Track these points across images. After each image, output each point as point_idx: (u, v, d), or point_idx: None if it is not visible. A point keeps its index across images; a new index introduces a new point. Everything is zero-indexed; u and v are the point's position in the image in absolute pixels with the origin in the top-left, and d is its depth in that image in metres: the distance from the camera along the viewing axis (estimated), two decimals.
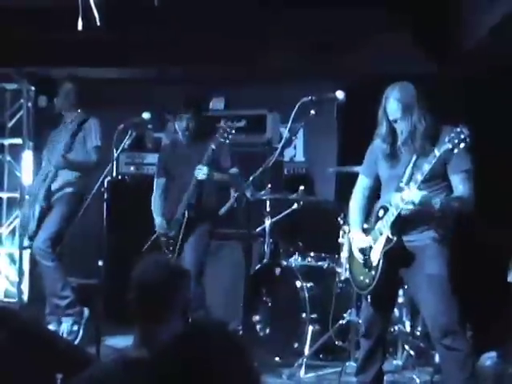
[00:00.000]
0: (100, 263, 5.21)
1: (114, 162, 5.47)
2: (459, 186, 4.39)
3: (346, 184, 7.21)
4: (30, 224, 6.83)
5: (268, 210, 6.64)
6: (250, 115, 7.61)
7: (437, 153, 4.17)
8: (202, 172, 5.93)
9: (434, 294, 4.38)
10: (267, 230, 6.55)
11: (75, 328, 6.68)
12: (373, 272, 4.54)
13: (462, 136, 4.07)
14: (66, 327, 6.67)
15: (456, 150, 4.10)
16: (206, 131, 6.26)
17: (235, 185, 6.14)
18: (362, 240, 4.63)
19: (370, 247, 4.57)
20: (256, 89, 7.86)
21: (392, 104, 4.50)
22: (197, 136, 6.26)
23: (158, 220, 6.29)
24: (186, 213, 6.04)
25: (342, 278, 5.97)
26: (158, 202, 6.41)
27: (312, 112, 4.42)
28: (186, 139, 6.29)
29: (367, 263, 4.59)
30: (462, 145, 4.08)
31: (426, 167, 4.23)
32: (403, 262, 4.47)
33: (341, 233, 6.03)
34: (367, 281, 4.60)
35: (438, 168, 4.32)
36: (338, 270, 6.03)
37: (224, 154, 6.14)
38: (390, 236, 4.41)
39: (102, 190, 5.21)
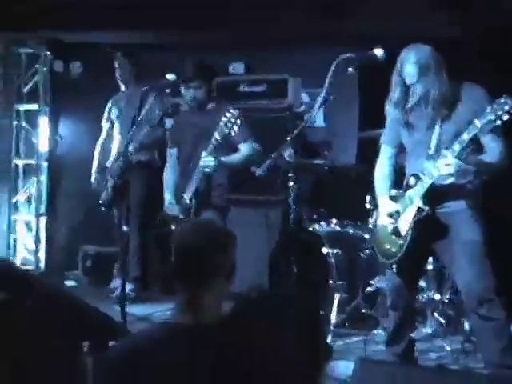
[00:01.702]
0: (125, 228, 5.09)
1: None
2: (490, 144, 4.23)
3: (367, 148, 7.15)
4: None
5: (291, 175, 6.49)
6: (270, 79, 7.42)
7: (478, 123, 4.01)
8: (207, 164, 5.52)
9: (468, 260, 4.27)
10: (291, 195, 6.41)
11: None
12: (401, 241, 4.40)
13: (506, 107, 3.92)
14: None
15: (499, 122, 3.95)
16: (218, 101, 6.00)
17: (253, 163, 5.93)
18: (390, 207, 4.50)
19: (398, 213, 4.44)
20: (277, 53, 7.69)
21: (409, 67, 4.32)
22: (205, 106, 5.92)
23: (167, 199, 6.05)
24: (194, 200, 5.67)
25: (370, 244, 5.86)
26: (169, 174, 6.17)
27: (350, 70, 4.26)
28: (193, 109, 5.96)
29: (395, 231, 4.46)
30: (506, 117, 3.92)
31: (466, 137, 4.07)
32: (434, 231, 4.35)
33: (367, 198, 5.90)
34: (394, 249, 4.46)
35: None
36: (366, 236, 5.90)
37: (237, 127, 5.57)
38: (422, 206, 4.28)
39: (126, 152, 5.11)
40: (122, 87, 7.21)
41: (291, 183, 6.42)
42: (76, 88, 8.15)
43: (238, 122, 5.43)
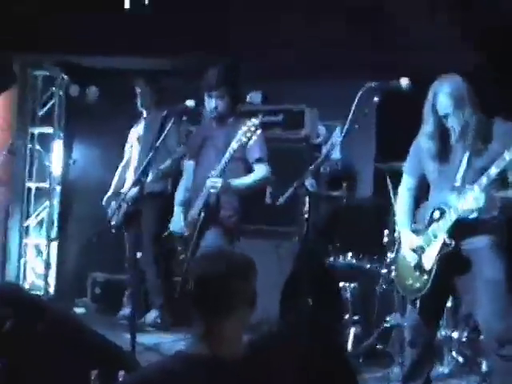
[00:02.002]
0: (139, 255, 5.00)
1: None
2: None
3: (384, 181, 7.06)
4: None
5: (307, 206, 6.39)
6: (287, 110, 7.35)
7: (507, 157, 3.93)
8: (213, 185, 5.26)
9: (490, 299, 4.15)
10: (307, 227, 6.30)
11: None
12: (425, 276, 4.29)
13: None
14: None
15: None
16: (238, 116, 5.67)
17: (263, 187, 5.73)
18: (413, 241, 4.39)
19: (422, 249, 4.33)
20: (294, 84, 7.64)
21: (443, 98, 4.23)
22: (226, 119, 5.62)
23: (175, 214, 5.79)
24: (203, 213, 5.41)
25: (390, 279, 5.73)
26: (182, 187, 5.88)
27: (375, 99, 4.17)
28: (214, 120, 5.65)
29: (419, 266, 4.34)
30: None
31: (494, 171, 3.99)
32: (458, 266, 4.23)
33: (385, 232, 5.80)
34: (417, 285, 4.34)
35: None
36: (383, 271, 5.79)
37: (254, 143, 5.36)
38: (448, 240, 4.18)
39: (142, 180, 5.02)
40: (144, 113, 7.16)
41: (307, 215, 6.36)
42: (91, 113, 8.10)
43: (258, 132, 5.23)
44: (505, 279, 4.16)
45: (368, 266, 6.02)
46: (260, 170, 5.56)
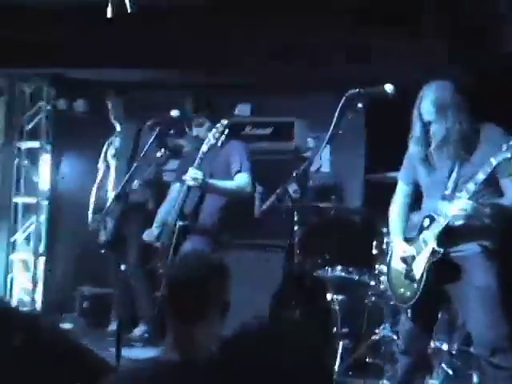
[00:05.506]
0: (123, 267, 4.92)
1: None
2: (509, 186, 4.10)
3: (374, 194, 7.01)
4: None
5: (296, 218, 6.34)
6: (276, 122, 7.30)
7: (493, 162, 3.88)
8: (193, 178, 5.14)
9: (481, 307, 4.10)
10: (295, 240, 6.24)
11: None
12: (415, 285, 4.25)
13: None
14: None
15: None
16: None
17: (243, 196, 5.60)
18: (404, 250, 4.34)
19: (413, 257, 4.28)
20: (282, 96, 7.60)
21: (426, 105, 4.22)
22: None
23: (152, 228, 5.74)
24: (178, 223, 5.26)
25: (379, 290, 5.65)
26: (164, 206, 5.78)
27: (359, 105, 4.12)
28: (198, 149, 5.45)
29: (409, 275, 4.30)
30: None
31: (481, 176, 3.94)
32: (448, 274, 4.18)
33: (374, 244, 5.75)
34: (408, 293, 4.30)
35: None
36: (372, 282, 5.72)
37: (235, 154, 5.45)
38: (437, 248, 4.13)
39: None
40: (117, 126, 7.11)
41: (296, 227, 6.29)
42: (79, 126, 8.04)
43: (226, 131, 5.14)
44: (496, 287, 4.11)
45: (357, 277, 5.93)
46: (239, 180, 5.49)
